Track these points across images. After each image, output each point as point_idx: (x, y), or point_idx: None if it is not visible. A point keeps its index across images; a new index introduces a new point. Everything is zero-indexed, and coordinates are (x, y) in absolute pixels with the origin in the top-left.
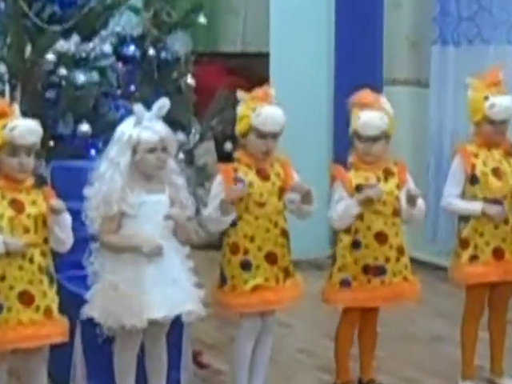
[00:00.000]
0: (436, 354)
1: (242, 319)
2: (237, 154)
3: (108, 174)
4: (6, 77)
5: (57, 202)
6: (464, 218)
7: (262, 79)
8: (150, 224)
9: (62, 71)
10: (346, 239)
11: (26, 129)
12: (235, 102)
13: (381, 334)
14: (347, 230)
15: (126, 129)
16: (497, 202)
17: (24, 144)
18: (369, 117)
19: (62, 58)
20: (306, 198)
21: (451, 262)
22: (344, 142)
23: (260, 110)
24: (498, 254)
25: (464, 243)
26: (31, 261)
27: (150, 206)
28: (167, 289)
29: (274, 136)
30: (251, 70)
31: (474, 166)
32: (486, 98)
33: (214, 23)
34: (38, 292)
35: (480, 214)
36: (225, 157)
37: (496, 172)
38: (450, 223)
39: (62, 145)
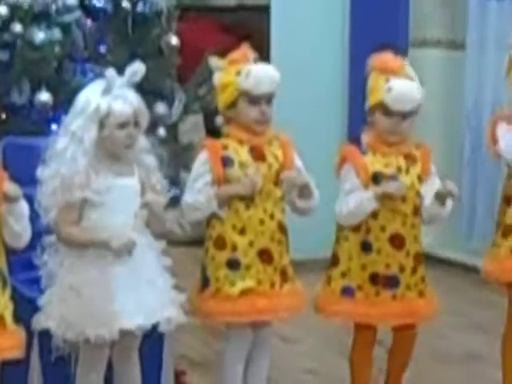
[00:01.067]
0: (472, 375)
1: (228, 331)
2: (227, 128)
3: (69, 151)
4: None
5: (11, 188)
6: (508, 200)
7: (261, 38)
8: (119, 213)
9: (17, 28)
10: (354, 239)
11: None
12: None
13: None
14: (356, 228)
15: (93, 97)
16: None
17: None
18: (405, 87)
19: (16, 12)
20: (303, 191)
21: (486, 254)
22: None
23: (248, 70)
24: None
25: (508, 230)
26: None
27: (118, 192)
28: (141, 292)
29: (269, 99)
30: (248, 27)
31: None
32: None
33: None
34: None
35: None
36: (215, 133)
37: None
38: (490, 215)
39: (17, 118)
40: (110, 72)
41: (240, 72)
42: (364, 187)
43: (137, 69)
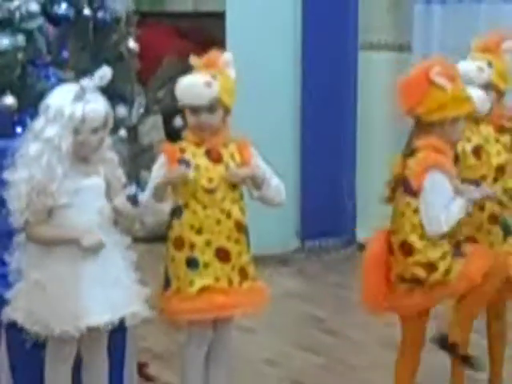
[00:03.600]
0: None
1: (189, 329)
2: (186, 132)
3: (44, 158)
4: None
5: None
6: None
7: (217, 43)
8: (86, 212)
9: None
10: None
11: None
12: (186, 70)
13: None
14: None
15: (65, 104)
16: None
17: None
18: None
19: None
20: (256, 183)
21: None
22: (312, 119)
23: (181, 82)
24: None
25: None
26: None
27: (85, 193)
28: (108, 289)
29: (205, 109)
30: (204, 33)
31: None
32: None
33: None
34: None
35: None
36: (174, 134)
37: None
38: None
39: None
40: (84, 80)
41: None
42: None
43: (104, 73)
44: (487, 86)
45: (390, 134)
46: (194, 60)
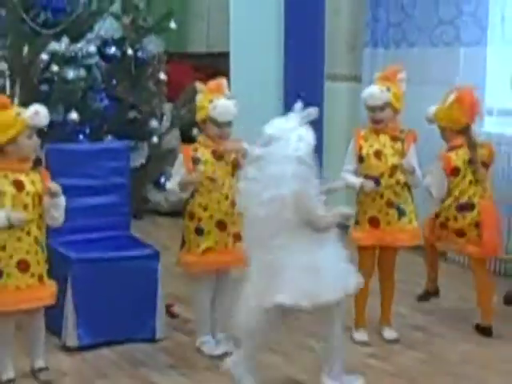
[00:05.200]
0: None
1: (197, 277)
2: (199, 137)
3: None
4: (7, 73)
5: (54, 186)
6: None
7: (223, 75)
8: None
9: (54, 68)
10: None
11: (43, 113)
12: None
13: None
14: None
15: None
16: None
17: (37, 126)
18: None
19: (54, 57)
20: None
21: None
22: None
23: (216, 103)
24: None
25: None
26: (28, 233)
27: None
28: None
29: (228, 124)
30: (214, 68)
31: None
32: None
33: (183, 28)
34: (33, 261)
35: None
36: (189, 141)
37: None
38: None
39: (55, 130)
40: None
41: (212, 101)
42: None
43: (310, 112)
44: (386, 105)
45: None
46: (198, 85)
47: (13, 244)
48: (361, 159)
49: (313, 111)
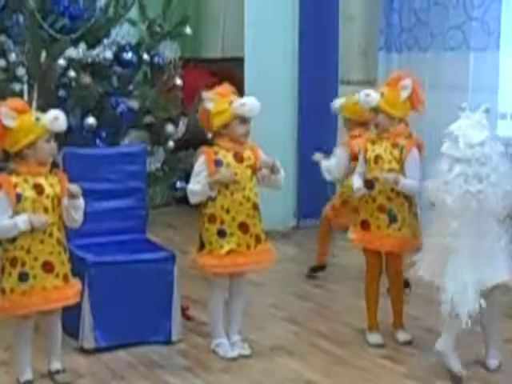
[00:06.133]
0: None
1: (213, 279)
2: (218, 141)
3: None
4: (25, 78)
5: (74, 187)
6: None
7: (238, 80)
8: None
9: (72, 74)
10: None
11: (62, 119)
12: None
13: None
14: None
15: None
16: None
17: (56, 131)
18: None
19: (72, 63)
20: (274, 168)
21: None
22: (307, 128)
23: (242, 101)
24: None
25: None
26: (50, 235)
27: None
28: None
29: (250, 120)
30: (229, 73)
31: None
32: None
33: (198, 33)
34: (57, 261)
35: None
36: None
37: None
38: None
39: (72, 135)
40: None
41: (232, 101)
42: None
43: None
44: (376, 109)
45: None
46: (205, 94)
47: (36, 247)
48: (365, 162)
49: (489, 106)
